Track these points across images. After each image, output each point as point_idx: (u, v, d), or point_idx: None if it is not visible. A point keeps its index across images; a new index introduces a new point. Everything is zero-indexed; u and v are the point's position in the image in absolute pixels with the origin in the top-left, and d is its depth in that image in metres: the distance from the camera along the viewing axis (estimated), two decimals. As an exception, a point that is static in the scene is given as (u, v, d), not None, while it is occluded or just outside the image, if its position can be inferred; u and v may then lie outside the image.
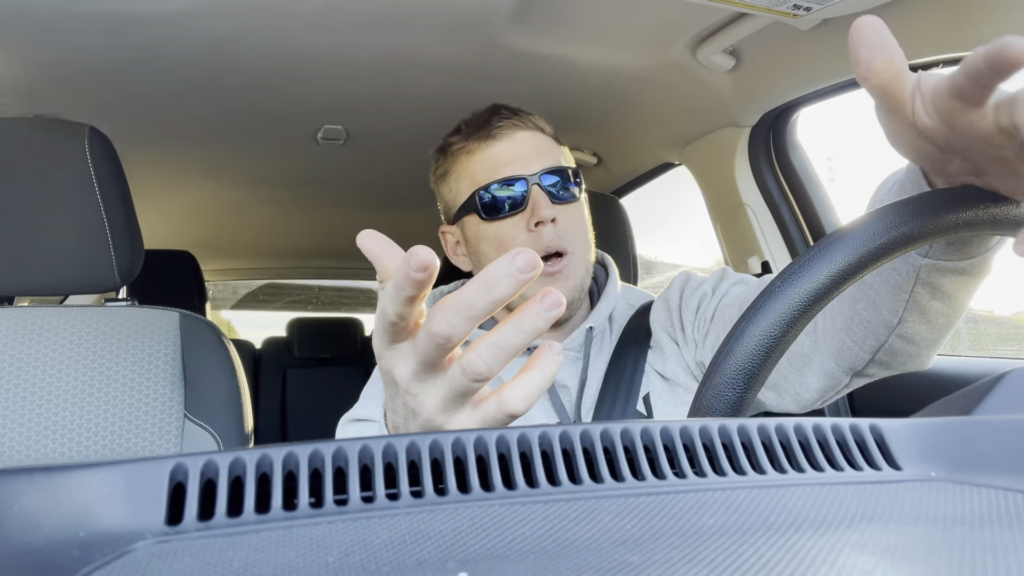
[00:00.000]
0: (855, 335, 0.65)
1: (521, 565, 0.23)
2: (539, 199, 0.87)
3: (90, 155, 1.01)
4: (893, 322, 0.61)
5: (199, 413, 1.06)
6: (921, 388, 1.33)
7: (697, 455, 0.33)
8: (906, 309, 0.60)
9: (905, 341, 0.63)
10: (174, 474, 0.28)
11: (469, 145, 0.92)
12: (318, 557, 0.24)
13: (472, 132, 0.92)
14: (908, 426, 0.36)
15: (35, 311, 1.07)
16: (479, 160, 0.91)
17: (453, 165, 0.94)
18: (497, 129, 0.90)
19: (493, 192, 0.88)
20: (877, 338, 0.64)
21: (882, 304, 0.61)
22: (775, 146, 1.59)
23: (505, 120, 0.91)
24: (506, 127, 0.90)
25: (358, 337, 3.03)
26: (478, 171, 0.90)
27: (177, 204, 2.29)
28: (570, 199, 0.90)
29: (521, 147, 0.90)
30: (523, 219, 0.88)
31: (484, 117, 0.92)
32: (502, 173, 0.88)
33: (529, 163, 0.89)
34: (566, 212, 0.89)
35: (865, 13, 1.07)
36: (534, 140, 0.91)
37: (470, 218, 0.92)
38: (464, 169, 0.93)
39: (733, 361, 0.43)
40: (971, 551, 0.24)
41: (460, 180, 0.93)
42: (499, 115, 0.91)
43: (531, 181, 0.87)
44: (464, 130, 0.93)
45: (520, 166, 0.88)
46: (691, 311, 0.89)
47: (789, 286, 0.43)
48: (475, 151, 0.91)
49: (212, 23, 1.19)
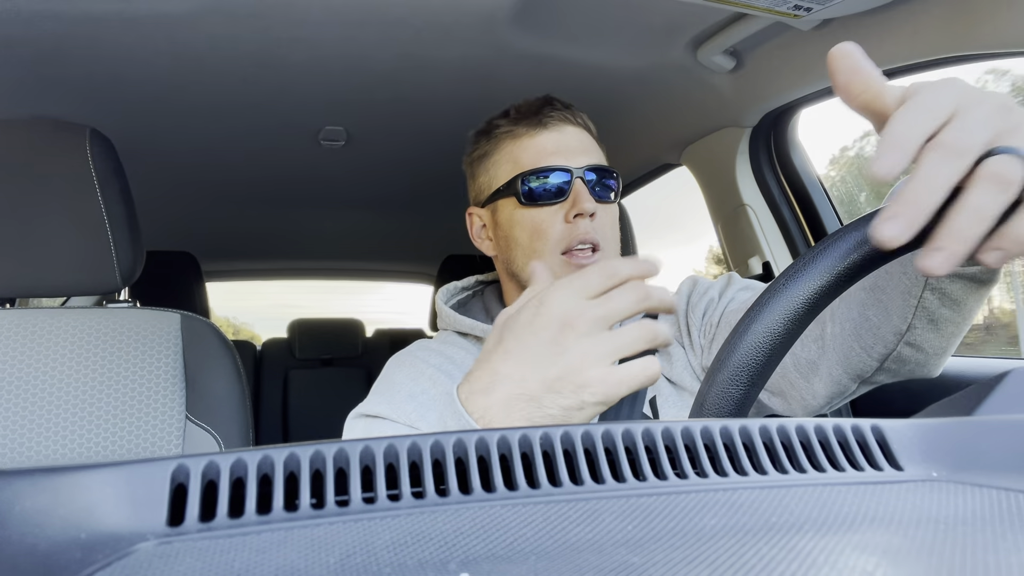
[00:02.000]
0: (864, 341, 0.65)
1: (522, 566, 0.23)
2: (581, 192, 0.88)
3: (91, 156, 1.01)
4: (902, 329, 0.62)
5: (200, 414, 1.06)
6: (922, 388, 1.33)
7: (699, 455, 0.33)
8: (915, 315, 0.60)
9: (914, 349, 0.63)
10: (175, 475, 0.28)
11: (517, 130, 0.93)
12: (320, 558, 0.24)
13: (521, 118, 0.93)
14: (910, 426, 0.36)
15: (36, 313, 1.07)
16: (525, 146, 0.91)
17: (496, 147, 0.95)
18: (548, 118, 0.91)
19: (537, 178, 0.89)
20: (886, 345, 0.64)
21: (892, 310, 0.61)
22: (776, 146, 1.59)
23: (557, 112, 0.92)
24: (557, 118, 0.92)
25: (359, 338, 3.03)
26: (523, 156, 0.91)
27: (178, 205, 2.29)
28: (608, 199, 0.91)
29: (569, 140, 0.91)
30: (562, 209, 0.89)
31: (536, 105, 0.93)
32: (548, 161, 0.89)
33: (575, 156, 0.90)
34: (603, 210, 0.90)
35: (864, 14, 1.08)
36: (581, 136, 0.93)
37: (506, 202, 0.92)
38: (508, 152, 0.93)
39: (737, 357, 0.43)
40: (973, 551, 0.24)
41: (501, 163, 0.94)
42: (551, 105, 0.92)
43: (576, 174, 0.88)
44: (513, 115, 0.94)
45: (566, 157, 0.90)
46: (698, 316, 0.89)
47: (794, 283, 0.43)
48: (522, 136, 0.92)
49: (213, 24, 1.19)
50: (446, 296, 1.03)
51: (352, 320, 3.08)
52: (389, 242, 2.87)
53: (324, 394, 2.86)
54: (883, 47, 1.13)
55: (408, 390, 0.87)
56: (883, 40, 1.12)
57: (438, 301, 1.01)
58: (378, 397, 0.90)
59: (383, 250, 3.01)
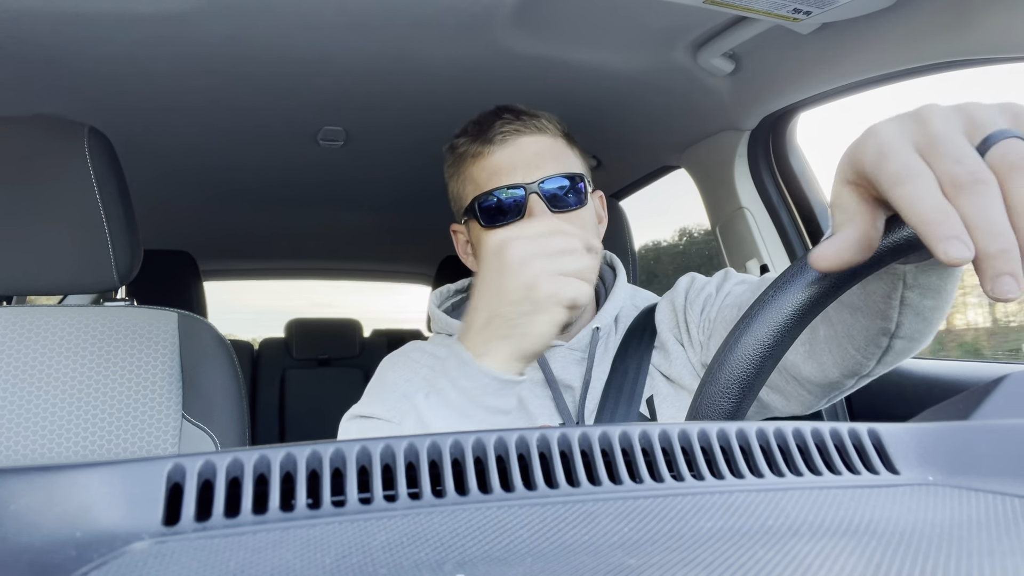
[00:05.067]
0: (856, 343, 0.65)
1: (518, 567, 0.23)
2: (536, 206, 0.87)
3: (89, 154, 1.01)
4: (890, 328, 0.62)
5: (197, 414, 1.06)
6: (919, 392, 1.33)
7: (695, 458, 0.33)
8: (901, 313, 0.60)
9: (905, 340, 0.64)
10: (171, 475, 0.28)
11: (472, 149, 0.92)
12: (315, 558, 0.24)
13: (476, 136, 0.92)
14: (906, 430, 0.36)
15: (33, 310, 1.07)
16: (481, 166, 0.91)
17: (458, 167, 0.95)
18: (499, 135, 0.90)
19: (492, 199, 0.88)
20: (879, 345, 0.64)
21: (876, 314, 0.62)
22: (775, 150, 1.59)
23: (508, 125, 0.90)
24: (508, 132, 0.90)
25: (357, 338, 3.03)
26: (480, 176, 0.91)
27: (176, 204, 2.28)
28: (573, 205, 0.89)
29: (522, 154, 0.89)
30: None
31: (488, 121, 0.92)
32: (500, 181, 0.88)
33: (529, 171, 0.88)
34: (567, 220, 0.88)
35: (863, 18, 1.08)
36: (537, 146, 0.91)
37: (472, 222, 0.93)
38: (468, 172, 0.93)
39: (727, 370, 0.43)
40: (968, 555, 0.24)
41: (465, 183, 0.94)
42: (502, 119, 0.91)
43: (529, 189, 0.87)
44: (470, 132, 0.93)
45: (520, 174, 0.88)
46: (696, 313, 0.89)
47: (782, 294, 0.43)
48: (477, 156, 0.91)
49: (212, 23, 1.19)
50: (439, 300, 1.03)
51: (350, 320, 3.08)
52: (387, 243, 2.86)
53: (321, 394, 2.86)
54: (882, 51, 1.13)
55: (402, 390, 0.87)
56: (882, 44, 1.12)
57: (430, 305, 1.01)
58: (372, 398, 0.90)
59: (381, 251, 3.00)
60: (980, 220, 0.35)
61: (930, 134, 0.38)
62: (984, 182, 0.35)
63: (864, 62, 1.18)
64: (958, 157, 0.37)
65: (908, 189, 0.37)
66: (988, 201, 0.35)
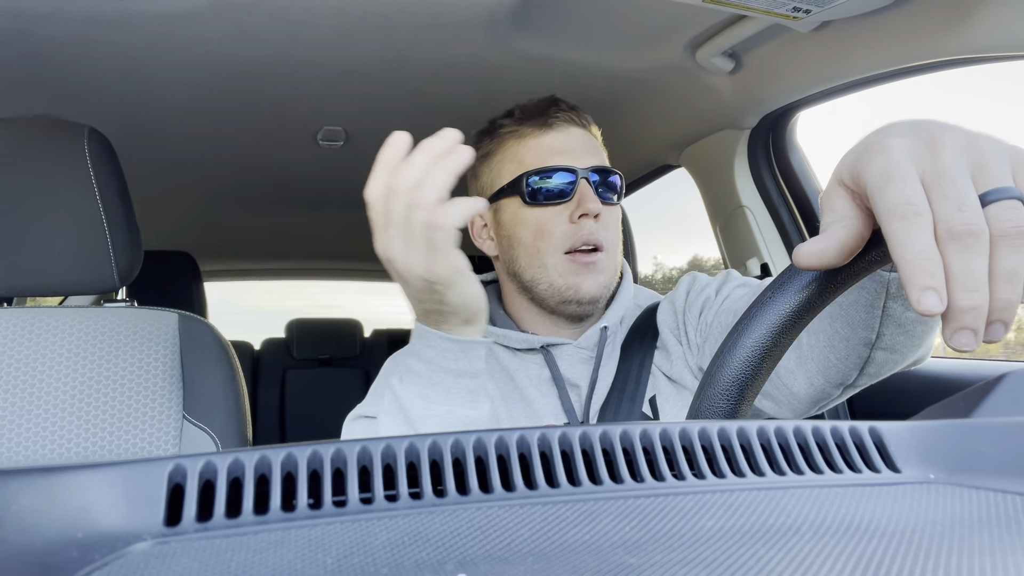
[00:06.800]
0: (839, 353, 0.66)
1: (520, 567, 0.23)
2: (586, 192, 0.88)
3: (89, 155, 1.01)
4: (871, 338, 0.62)
5: (198, 414, 1.06)
6: (920, 390, 1.33)
7: (696, 457, 0.33)
8: (882, 324, 0.61)
9: (887, 352, 0.64)
10: (172, 475, 0.28)
11: (522, 130, 0.93)
12: (316, 558, 0.24)
13: (526, 118, 0.93)
14: (907, 428, 0.36)
15: (34, 312, 1.07)
16: (530, 146, 0.92)
17: (500, 146, 0.95)
18: (554, 119, 0.92)
19: (542, 178, 0.89)
20: (859, 355, 0.64)
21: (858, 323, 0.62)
22: (775, 148, 1.59)
23: (562, 112, 0.92)
24: (562, 119, 0.92)
25: (357, 338, 3.03)
26: (528, 156, 0.91)
27: (176, 205, 2.28)
28: (612, 200, 0.92)
29: (574, 141, 0.92)
30: (567, 209, 0.89)
31: (542, 106, 0.93)
32: (553, 161, 0.90)
33: (580, 157, 0.90)
34: (607, 211, 0.90)
35: (863, 16, 1.08)
36: (586, 138, 0.94)
37: (510, 201, 0.93)
38: (512, 152, 0.93)
39: (726, 372, 0.43)
40: (970, 554, 0.24)
41: (505, 162, 0.94)
42: (557, 106, 0.93)
43: (581, 174, 0.89)
44: (518, 115, 0.94)
45: (572, 158, 0.90)
46: (694, 314, 0.89)
47: (780, 295, 0.43)
48: (527, 136, 0.92)
49: (212, 24, 1.19)
50: None
51: (350, 320, 3.08)
52: (387, 243, 2.85)
53: (322, 394, 2.86)
54: (881, 50, 1.13)
55: None
56: (881, 43, 1.12)
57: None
58: (377, 398, 0.90)
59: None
60: (961, 273, 0.35)
61: (938, 169, 0.38)
62: (976, 236, 0.36)
63: (864, 60, 1.17)
64: (960, 203, 0.36)
65: (903, 226, 0.36)
66: (974, 256, 0.35)
